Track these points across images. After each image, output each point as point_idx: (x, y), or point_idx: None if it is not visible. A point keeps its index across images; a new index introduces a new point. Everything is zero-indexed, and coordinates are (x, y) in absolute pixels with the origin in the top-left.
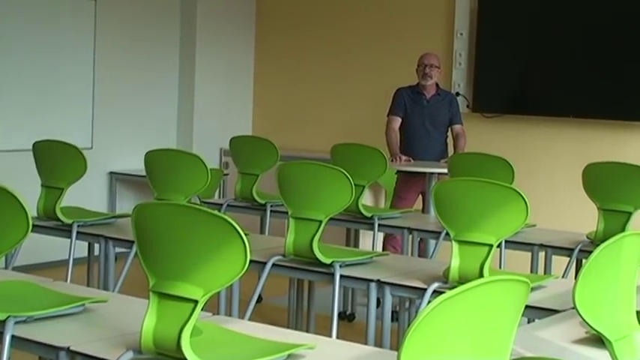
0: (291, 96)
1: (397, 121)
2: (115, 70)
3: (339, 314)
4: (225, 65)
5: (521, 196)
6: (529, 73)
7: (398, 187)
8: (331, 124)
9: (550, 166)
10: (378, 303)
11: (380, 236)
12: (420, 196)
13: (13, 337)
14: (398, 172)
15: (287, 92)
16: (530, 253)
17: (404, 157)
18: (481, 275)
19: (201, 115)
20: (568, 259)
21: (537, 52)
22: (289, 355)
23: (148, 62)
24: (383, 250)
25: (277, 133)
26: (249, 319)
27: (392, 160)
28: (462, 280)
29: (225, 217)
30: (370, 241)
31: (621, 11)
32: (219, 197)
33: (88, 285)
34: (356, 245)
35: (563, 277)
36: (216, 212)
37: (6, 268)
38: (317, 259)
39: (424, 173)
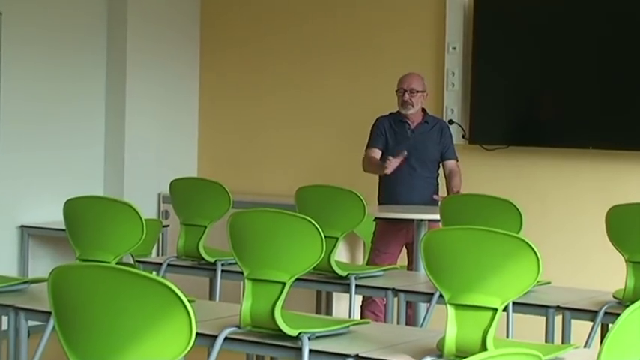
0: (246, 127)
1: (376, 153)
2: (25, 98)
3: None
4: (163, 90)
5: (532, 247)
6: (538, 96)
7: (377, 239)
8: (296, 162)
9: (566, 209)
10: None
11: (358, 300)
12: (405, 248)
13: None
14: (376, 219)
15: (241, 122)
16: (544, 318)
17: (394, 160)
18: (484, 347)
19: (134, 152)
20: (591, 323)
21: (548, 70)
22: None
23: (67, 87)
24: (362, 317)
25: (229, 173)
26: None
27: (386, 168)
28: (461, 354)
29: (165, 280)
30: (346, 306)
31: None
32: (158, 255)
33: None
34: (328, 312)
35: (585, 346)
36: (153, 275)
37: None
38: (280, 330)
39: (410, 220)
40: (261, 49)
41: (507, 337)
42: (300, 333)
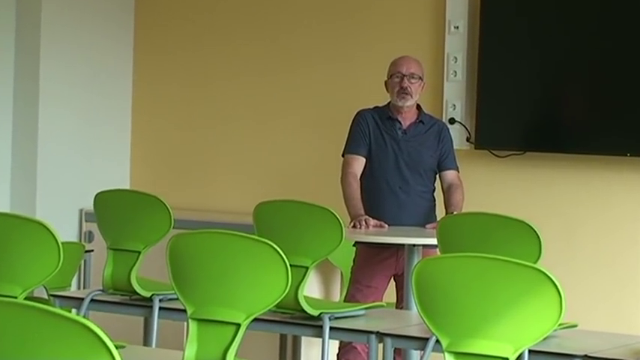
0: (191, 126)
1: (359, 162)
2: None
3: None
4: (86, 77)
5: (553, 280)
6: (562, 90)
7: (358, 269)
8: (255, 171)
9: (597, 231)
10: None
11: (333, 346)
12: (394, 281)
13: None
14: (357, 244)
15: (185, 120)
16: None
17: (373, 222)
18: None
19: (50, 158)
20: None
21: (575, 57)
22: None
23: None
24: None
25: (170, 185)
26: None
27: (354, 226)
28: None
29: (87, 321)
30: (318, 353)
31: None
32: (79, 288)
33: None
34: None
35: None
36: (72, 314)
37: None
38: None
39: (399, 246)
40: (212, 26)
41: None
42: None
